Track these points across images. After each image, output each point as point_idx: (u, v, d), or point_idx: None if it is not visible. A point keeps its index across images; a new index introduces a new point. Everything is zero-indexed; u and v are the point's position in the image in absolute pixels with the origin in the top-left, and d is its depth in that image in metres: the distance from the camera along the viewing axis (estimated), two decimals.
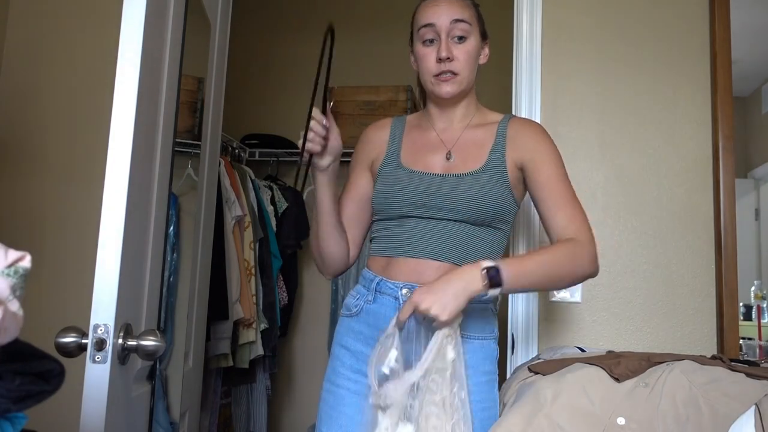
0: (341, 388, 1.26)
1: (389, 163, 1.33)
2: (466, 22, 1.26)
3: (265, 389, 2.94)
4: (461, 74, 1.27)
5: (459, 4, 1.28)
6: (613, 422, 1.10)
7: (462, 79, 1.27)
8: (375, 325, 1.24)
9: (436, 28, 1.26)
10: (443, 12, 1.26)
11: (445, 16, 1.26)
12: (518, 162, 1.27)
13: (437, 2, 1.28)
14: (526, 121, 1.38)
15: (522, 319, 1.65)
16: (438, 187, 1.24)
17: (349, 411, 1.23)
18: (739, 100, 1.81)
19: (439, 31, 1.26)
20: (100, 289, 1.06)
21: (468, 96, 1.34)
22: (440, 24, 1.26)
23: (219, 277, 2.34)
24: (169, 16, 1.33)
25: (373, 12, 3.54)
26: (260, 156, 3.28)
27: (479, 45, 1.31)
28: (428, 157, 1.31)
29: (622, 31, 1.73)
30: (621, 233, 1.66)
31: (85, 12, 1.97)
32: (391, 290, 1.25)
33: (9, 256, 0.62)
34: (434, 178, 1.27)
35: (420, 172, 1.29)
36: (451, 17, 1.26)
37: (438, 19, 1.26)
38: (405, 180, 1.28)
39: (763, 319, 1.81)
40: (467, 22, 1.27)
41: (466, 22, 1.27)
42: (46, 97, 1.95)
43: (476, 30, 1.30)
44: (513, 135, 1.30)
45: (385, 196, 1.29)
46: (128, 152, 1.11)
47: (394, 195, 1.27)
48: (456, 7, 1.27)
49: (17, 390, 0.63)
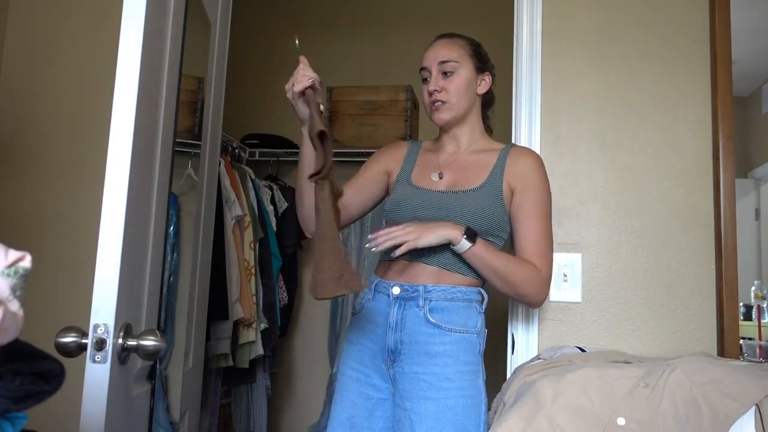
0: (346, 376, 1.46)
1: (402, 180, 1.53)
2: (452, 62, 1.48)
3: (265, 389, 2.94)
4: (450, 102, 1.47)
5: (447, 46, 1.50)
6: (614, 422, 1.10)
7: (452, 106, 1.48)
8: (372, 320, 1.44)
9: (427, 69, 1.50)
10: (431, 56, 1.50)
11: (431, 59, 1.49)
12: (512, 185, 1.44)
13: (429, 48, 1.52)
14: (526, 149, 1.54)
15: (522, 319, 1.65)
16: (439, 202, 1.43)
17: (351, 396, 1.43)
18: (739, 100, 1.80)
19: (430, 71, 1.49)
20: (100, 289, 1.06)
21: (468, 122, 1.53)
22: (429, 66, 1.49)
23: (219, 277, 2.34)
24: (169, 16, 1.33)
25: (374, 12, 3.54)
26: (260, 156, 3.28)
27: (471, 77, 1.50)
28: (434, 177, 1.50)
29: (622, 31, 1.73)
30: (621, 233, 1.66)
31: (85, 12, 1.97)
32: (385, 289, 1.43)
33: (9, 256, 0.62)
34: (437, 194, 1.45)
35: (425, 189, 1.48)
36: (437, 60, 1.48)
37: (428, 63, 1.50)
38: (412, 195, 1.47)
39: (763, 319, 1.81)
40: (453, 60, 1.48)
41: (452, 61, 1.48)
42: (46, 97, 1.95)
43: (467, 65, 1.49)
44: (512, 161, 1.47)
45: (395, 208, 1.47)
46: (128, 152, 1.11)
47: (402, 208, 1.46)
48: (443, 50, 1.49)
49: (17, 390, 0.63)
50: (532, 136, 1.71)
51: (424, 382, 1.34)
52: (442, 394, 1.33)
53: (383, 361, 1.41)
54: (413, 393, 1.35)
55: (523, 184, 1.43)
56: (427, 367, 1.35)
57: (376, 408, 1.41)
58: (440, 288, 1.39)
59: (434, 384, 1.33)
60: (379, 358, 1.41)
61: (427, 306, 1.38)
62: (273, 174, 3.29)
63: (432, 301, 1.38)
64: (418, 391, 1.34)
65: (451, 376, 1.34)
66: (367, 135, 3.01)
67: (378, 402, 1.41)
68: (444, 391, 1.33)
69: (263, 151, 3.27)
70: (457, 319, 1.38)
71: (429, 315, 1.37)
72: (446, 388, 1.33)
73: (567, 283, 1.65)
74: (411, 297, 1.39)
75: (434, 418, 1.31)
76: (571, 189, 1.69)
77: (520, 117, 1.73)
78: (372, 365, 1.42)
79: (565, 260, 1.66)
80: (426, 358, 1.35)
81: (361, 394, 1.42)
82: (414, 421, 1.32)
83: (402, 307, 1.39)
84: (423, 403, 1.33)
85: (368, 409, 1.41)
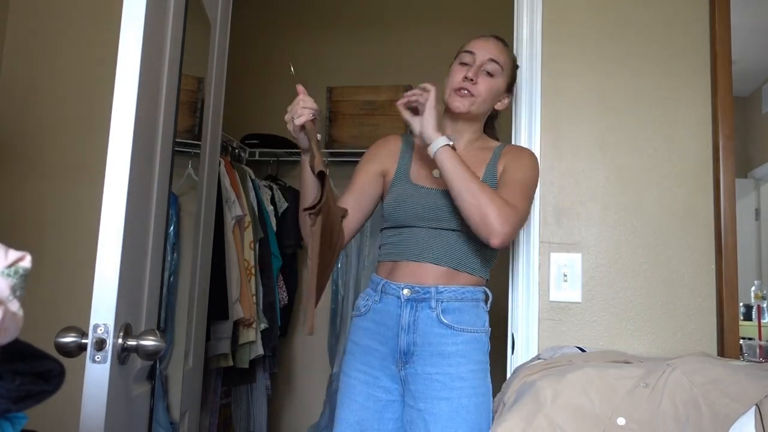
0: (352, 378, 1.44)
1: (400, 178, 1.50)
2: (498, 65, 1.47)
3: (265, 389, 2.94)
4: (477, 97, 1.45)
5: (501, 49, 1.50)
6: (614, 422, 1.10)
7: (475, 101, 1.46)
8: (381, 322, 1.42)
9: (474, 57, 1.47)
10: (485, 48, 1.48)
11: (485, 51, 1.47)
12: (502, 169, 1.45)
13: (487, 39, 1.50)
14: (520, 146, 1.58)
15: (522, 319, 1.65)
16: (437, 201, 1.42)
17: (359, 398, 1.41)
18: (739, 100, 1.80)
19: (476, 60, 1.46)
20: (100, 289, 1.06)
21: (476, 123, 1.53)
22: (479, 55, 1.47)
23: (219, 277, 2.34)
24: (169, 16, 1.33)
25: (374, 12, 3.54)
26: (260, 156, 3.28)
27: (502, 90, 1.51)
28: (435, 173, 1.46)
29: (623, 31, 1.73)
30: (621, 233, 1.66)
31: (85, 12, 1.97)
32: (394, 290, 1.41)
33: (9, 256, 0.62)
34: (437, 193, 1.43)
35: (425, 187, 1.46)
36: (489, 55, 1.47)
37: (479, 51, 1.47)
38: (412, 194, 1.45)
39: (763, 319, 1.81)
40: (500, 65, 1.48)
41: (499, 64, 1.47)
42: (46, 97, 1.95)
43: (505, 76, 1.50)
44: (504, 154, 1.49)
45: (395, 208, 1.46)
46: (128, 152, 1.10)
47: (402, 207, 1.44)
48: (497, 50, 1.49)
49: (17, 390, 0.63)
50: (532, 136, 1.70)
51: (438, 383, 1.34)
52: (455, 394, 1.33)
53: (394, 363, 1.40)
54: (427, 393, 1.35)
55: (510, 164, 1.45)
56: (441, 368, 1.35)
57: (385, 410, 1.40)
58: (452, 289, 1.39)
59: (448, 384, 1.34)
60: (389, 359, 1.40)
61: (440, 307, 1.38)
62: (273, 174, 3.29)
63: (444, 302, 1.38)
64: (431, 392, 1.34)
65: (464, 375, 1.35)
66: (367, 135, 3.01)
67: (387, 404, 1.41)
68: (458, 390, 1.34)
69: (263, 151, 3.27)
70: (467, 319, 1.39)
71: (442, 316, 1.37)
72: (459, 387, 1.34)
73: (567, 283, 1.65)
74: (423, 298, 1.39)
75: (449, 418, 1.32)
76: (571, 189, 1.69)
77: (520, 117, 1.73)
78: (381, 367, 1.41)
79: (565, 260, 1.66)
80: (439, 358, 1.36)
81: (370, 396, 1.41)
82: (428, 421, 1.32)
83: (414, 308, 1.39)
84: (437, 404, 1.33)
85: (378, 412, 1.40)
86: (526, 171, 1.44)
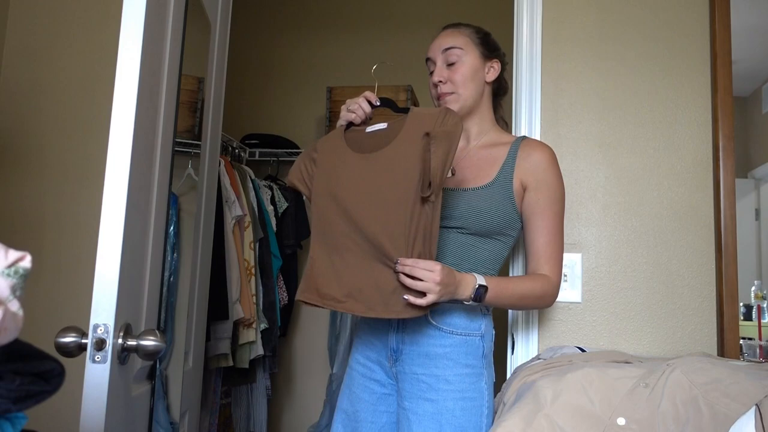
0: (353, 370, 1.48)
1: None
2: (456, 48, 1.43)
3: (265, 389, 2.94)
4: (457, 92, 1.43)
5: (451, 35, 1.46)
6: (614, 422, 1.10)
7: (459, 96, 1.43)
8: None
9: (432, 60, 1.46)
10: (437, 45, 1.46)
11: (437, 49, 1.45)
12: (524, 181, 1.39)
13: (436, 37, 1.48)
14: (538, 143, 1.45)
15: (522, 319, 1.65)
16: (446, 201, 1.36)
17: (357, 390, 1.45)
18: (739, 100, 1.80)
19: (435, 61, 1.45)
20: (100, 289, 1.06)
21: (478, 113, 1.47)
22: (433, 55, 1.46)
23: (219, 277, 2.34)
24: (169, 16, 1.33)
25: (374, 12, 3.54)
26: (260, 156, 3.28)
27: (477, 64, 1.45)
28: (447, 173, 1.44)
29: (622, 31, 1.73)
30: (621, 233, 1.66)
31: (85, 12, 1.97)
32: None
33: (9, 256, 0.62)
34: (446, 192, 1.38)
35: None
36: (440, 48, 1.45)
37: (433, 53, 1.46)
38: None
39: (763, 319, 1.81)
40: (457, 47, 1.43)
41: (456, 47, 1.43)
42: (46, 97, 1.95)
43: (472, 52, 1.45)
44: (523, 155, 1.40)
45: None
46: (128, 152, 1.11)
47: None
48: (446, 38, 1.46)
49: (17, 390, 0.63)
50: (532, 136, 1.70)
51: (424, 383, 1.34)
52: (441, 396, 1.32)
53: (386, 359, 1.41)
54: (413, 393, 1.35)
55: (535, 182, 1.37)
56: (428, 369, 1.34)
57: (379, 403, 1.42)
58: None
59: (433, 386, 1.33)
60: (383, 355, 1.41)
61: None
62: (273, 174, 3.29)
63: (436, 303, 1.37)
64: (417, 392, 1.34)
65: (451, 378, 1.33)
66: None
67: (382, 397, 1.42)
68: (443, 392, 1.33)
69: (263, 151, 3.27)
70: (459, 321, 1.36)
71: (431, 317, 1.36)
72: (445, 390, 1.33)
73: (567, 283, 1.65)
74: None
75: (432, 419, 1.31)
76: (571, 189, 1.69)
77: (520, 117, 1.73)
78: (377, 361, 1.43)
79: (565, 260, 1.65)
80: (426, 359, 1.35)
81: (366, 388, 1.43)
82: (412, 420, 1.33)
83: None
84: (421, 404, 1.33)
85: (372, 404, 1.42)
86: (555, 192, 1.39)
